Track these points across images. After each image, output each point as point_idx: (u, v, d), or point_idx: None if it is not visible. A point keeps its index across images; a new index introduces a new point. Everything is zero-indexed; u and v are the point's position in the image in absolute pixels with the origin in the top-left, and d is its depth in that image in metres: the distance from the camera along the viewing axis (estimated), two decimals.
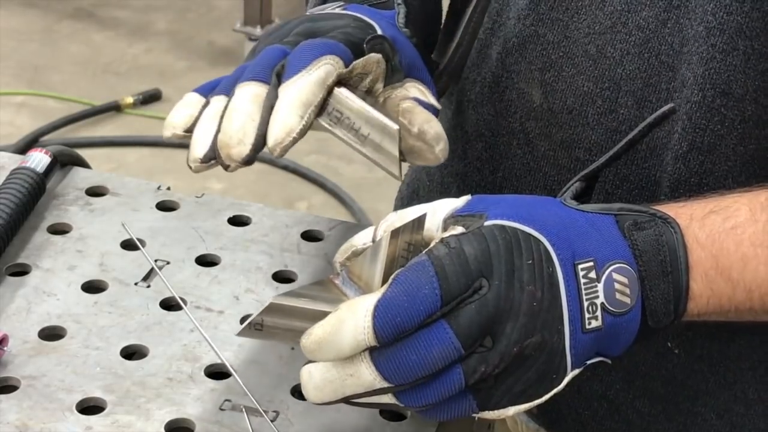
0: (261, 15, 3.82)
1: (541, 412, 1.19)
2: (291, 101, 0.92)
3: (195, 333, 0.99)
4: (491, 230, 0.84)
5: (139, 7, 4.37)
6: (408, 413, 0.92)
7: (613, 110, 1.04)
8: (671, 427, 1.13)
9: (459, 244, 0.82)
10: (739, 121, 0.99)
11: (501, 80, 1.11)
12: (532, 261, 0.83)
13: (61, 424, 0.90)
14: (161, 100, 3.81)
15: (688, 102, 1.00)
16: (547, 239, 0.84)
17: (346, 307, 0.81)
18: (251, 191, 3.27)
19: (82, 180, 1.19)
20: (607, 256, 0.85)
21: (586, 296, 0.84)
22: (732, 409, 1.10)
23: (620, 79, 1.03)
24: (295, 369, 0.96)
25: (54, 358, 0.96)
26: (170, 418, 0.91)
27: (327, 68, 0.93)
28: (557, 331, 0.83)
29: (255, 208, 1.16)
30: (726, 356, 1.09)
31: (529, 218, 0.85)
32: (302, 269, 1.08)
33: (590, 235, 0.86)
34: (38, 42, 4.12)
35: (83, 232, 1.11)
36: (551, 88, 1.07)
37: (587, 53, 1.05)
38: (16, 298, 1.03)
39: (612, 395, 1.13)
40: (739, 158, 1.00)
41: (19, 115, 3.72)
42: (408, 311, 0.80)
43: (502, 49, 1.11)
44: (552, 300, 0.83)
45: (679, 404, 1.11)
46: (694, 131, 1.01)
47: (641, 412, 1.13)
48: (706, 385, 1.10)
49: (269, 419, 0.91)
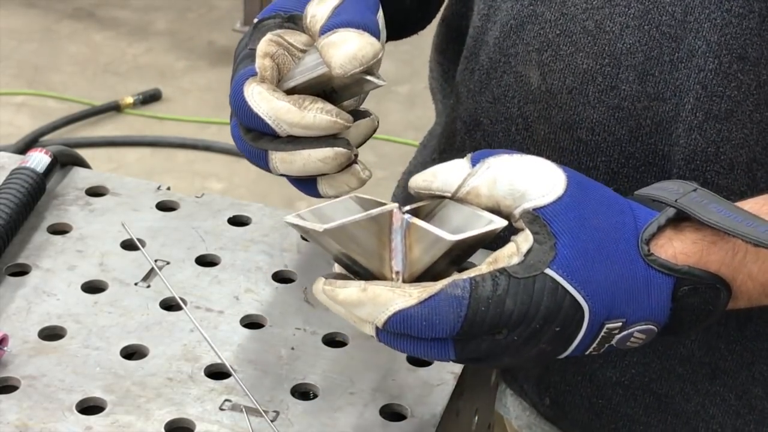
0: None
1: (553, 402, 1.19)
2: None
3: (195, 333, 0.99)
4: (542, 289, 0.82)
5: (139, 7, 4.37)
6: (408, 414, 0.92)
7: (615, 87, 1.03)
8: (688, 408, 1.12)
9: (505, 292, 0.81)
10: (755, 86, 0.99)
11: (498, 65, 1.11)
12: (561, 329, 0.83)
13: (61, 424, 0.90)
14: (161, 100, 3.81)
15: (701, 71, 1.00)
16: (590, 308, 0.83)
17: (372, 293, 0.82)
18: (251, 191, 3.27)
19: (82, 180, 1.19)
20: (641, 318, 0.85)
21: (596, 343, 0.85)
22: (750, 391, 1.10)
23: (620, 54, 1.03)
24: (295, 369, 0.96)
25: (54, 358, 0.96)
26: (170, 418, 0.91)
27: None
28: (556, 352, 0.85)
29: (255, 208, 1.16)
30: (744, 335, 1.09)
31: (587, 279, 0.83)
32: (302, 269, 1.08)
33: (638, 298, 0.85)
34: (38, 42, 4.12)
35: (83, 232, 1.11)
36: (549, 69, 1.06)
37: (585, 29, 1.04)
38: (16, 298, 1.03)
39: (627, 380, 1.13)
40: (756, 125, 1.00)
41: (19, 115, 3.71)
42: (421, 332, 0.81)
43: (500, 33, 1.10)
44: (559, 349, 0.84)
45: (697, 383, 1.11)
46: (710, 99, 1.00)
47: (658, 394, 1.13)
48: (725, 363, 1.10)
49: (269, 419, 0.91)
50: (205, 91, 3.86)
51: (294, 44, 0.96)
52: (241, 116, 0.93)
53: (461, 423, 0.99)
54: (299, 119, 0.91)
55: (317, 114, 0.91)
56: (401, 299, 0.81)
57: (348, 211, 0.87)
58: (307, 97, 0.92)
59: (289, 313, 1.02)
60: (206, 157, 3.55)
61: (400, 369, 0.97)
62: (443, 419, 0.92)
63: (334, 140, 0.92)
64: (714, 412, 1.12)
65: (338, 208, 0.88)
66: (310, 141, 0.92)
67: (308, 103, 0.92)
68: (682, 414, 1.13)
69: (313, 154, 0.92)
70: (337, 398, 0.94)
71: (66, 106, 3.76)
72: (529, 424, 1.24)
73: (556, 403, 1.18)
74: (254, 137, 0.94)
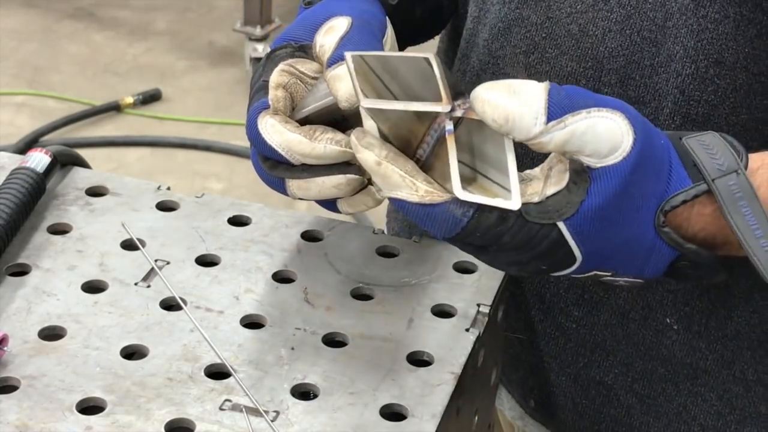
0: (261, 15, 3.82)
1: (538, 404, 1.20)
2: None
3: (195, 333, 0.99)
4: (544, 236, 0.84)
5: (139, 7, 4.37)
6: (408, 413, 0.92)
7: (597, 89, 1.04)
8: (671, 408, 1.13)
9: (507, 229, 0.84)
10: (731, 90, 1.00)
11: (488, 67, 1.12)
12: (548, 267, 0.87)
13: (61, 424, 0.90)
14: (161, 100, 3.81)
15: (678, 75, 1.01)
16: (582, 259, 0.86)
17: (384, 170, 0.86)
18: (251, 191, 3.27)
19: (82, 180, 1.19)
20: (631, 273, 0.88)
21: (582, 277, 0.89)
22: (731, 390, 1.11)
23: (603, 58, 1.04)
24: (295, 369, 0.96)
25: (54, 358, 0.96)
26: (170, 418, 0.91)
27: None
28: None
29: (255, 208, 1.16)
30: (724, 334, 1.09)
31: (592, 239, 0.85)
32: (302, 269, 1.08)
33: (635, 260, 0.87)
34: (38, 42, 4.12)
35: (83, 232, 1.11)
36: (535, 71, 1.08)
37: (570, 33, 1.05)
38: (16, 298, 1.03)
39: (610, 380, 1.14)
40: (732, 128, 1.00)
41: (19, 115, 3.72)
42: (414, 220, 0.86)
43: (488, 36, 1.12)
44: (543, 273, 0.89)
45: (679, 384, 1.12)
46: (687, 104, 1.02)
47: (640, 395, 1.14)
48: (705, 363, 1.10)
49: (269, 419, 0.91)
50: (205, 91, 3.86)
51: (306, 72, 0.99)
52: (258, 147, 0.97)
53: (461, 423, 0.99)
54: (310, 150, 0.94)
55: (327, 145, 0.94)
56: (406, 190, 0.85)
57: (417, 72, 0.86)
58: (318, 128, 0.95)
59: (289, 313, 1.02)
60: (206, 157, 3.56)
61: (400, 369, 0.97)
62: (443, 419, 0.92)
63: (347, 167, 0.95)
64: (695, 413, 1.12)
65: (409, 64, 0.86)
66: (324, 168, 0.95)
67: (319, 133, 0.95)
68: (664, 415, 1.14)
69: (326, 182, 0.95)
70: (337, 398, 0.94)
71: (66, 106, 3.76)
72: (522, 416, 1.25)
73: (541, 404, 1.19)
74: (271, 166, 0.97)
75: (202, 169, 3.50)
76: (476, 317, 1.02)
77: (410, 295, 1.05)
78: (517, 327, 1.17)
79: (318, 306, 1.03)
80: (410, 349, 0.99)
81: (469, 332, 1.01)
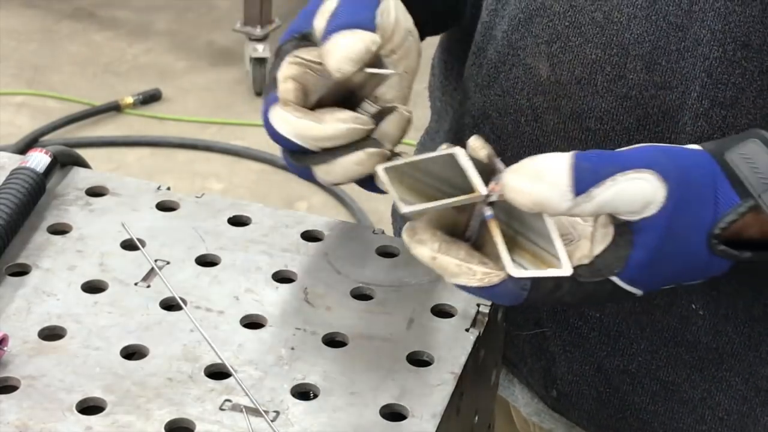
0: (261, 15, 3.82)
1: (561, 394, 1.19)
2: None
3: (195, 333, 0.99)
4: (601, 288, 0.88)
5: (139, 7, 4.37)
6: (408, 413, 0.92)
7: (622, 76, 1.05)
8: (695, 395, 1.13)
9: (565, 293, 0.88)
10: (758, 72, 1.01)
11: (507, 59, 1.12)
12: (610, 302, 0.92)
13: (61, 424, 0.90)
14: (161, 100, 3.81)
15: (706, 59, 1.01)
16: (642, 292, 0.90)
17: (440, 263, 0.88)
18: (251, 191, 3.27)
19: (82, 180, 1.19)
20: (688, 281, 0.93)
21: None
22: (757, 372, 1.11)
23: (628, 44, 1.04)
24: (295, 369, 0.96)
25: (54, 358, 0.96)
26: (170, 418, 0.91)
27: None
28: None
29: (255, 208, 1.16)
30: (751, 315, 1.10)
31: (647, 281, 0.89)
32: (302, 269, 1.08)
33: (693, 278, 0.92)
34: (38, 42, 4.12)
35: (83, 232, 1.11)
36: (558, 60, 1.08)
37: (594, 20, 1.06)
38: (16, 298, 1.03)
39: (634, 368, 1.14)
40: (759, 111, 1.01)
41: (19, 115, 3.72)
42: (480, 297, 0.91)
43: (508, 27, 1.12)
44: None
45: (704, 370, 1.12)
46: (715, 87, 1.02)
47: (665, 382, 1.14)
48: (732, 346, 1.11)
49: (269, 419, 0.91)
50: (205, 91, 3.86)
51: (313, 60, 1.00)
52: (276, 141, 0.98)
53: (461, 423, 0.99)
54: (320, 133, 0.96)
55: (335, 124, 0.95)
56: (464, 277, 0.88)
57: (447, 166, 0.89)
58: (326, 110, 0.97)
59: (289, 313, 1.02)
60: (206, 157, 3.56)
61: (400, 369, 0.97)
62: (443, 419, 0.92)
63: (364, 143, 0.97)
64: (720, 399, 1.13)
65: (437, 162, 0.91)
66: (343, 149, 0.97)
67: (326, 115, 0.96)
68: (689, 401, 1.14)
69: (348, 160, 0.96)
70: (337, 398, 0.94)
71: (66, 106, 3.76)
72: (538, 411, 1.25)
73: (564, 394, 1.19)
74: (297, 157, 0.99)
75: (202, 169, 3.50)
76: (476, 317, 1.02)
77: (410, 295, 1.05)
78: (539, 317, 1.17)
79: (318, 306, 1.03)
80: (410, 349, 0.99)
81: (469, 332, 1.01)
